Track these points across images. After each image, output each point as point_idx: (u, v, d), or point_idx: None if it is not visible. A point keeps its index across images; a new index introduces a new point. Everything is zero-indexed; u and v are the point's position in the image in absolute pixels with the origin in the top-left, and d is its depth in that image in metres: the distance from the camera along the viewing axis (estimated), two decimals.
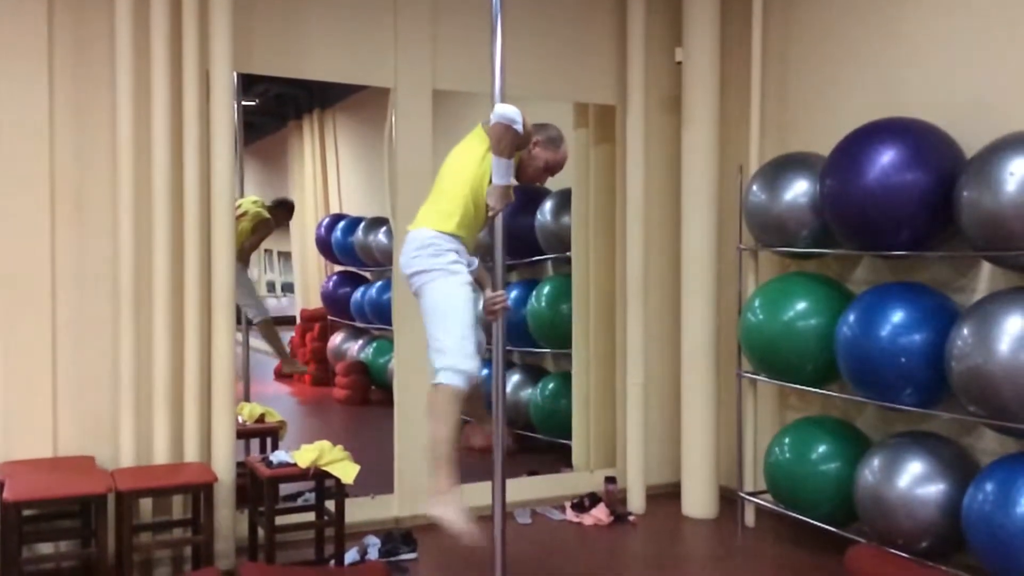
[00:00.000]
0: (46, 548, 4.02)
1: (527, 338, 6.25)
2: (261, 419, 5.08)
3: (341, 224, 7.90)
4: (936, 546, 3.72)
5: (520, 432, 6.25)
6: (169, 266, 4.13)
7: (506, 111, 2.95)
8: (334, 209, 8.32)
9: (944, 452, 3.81)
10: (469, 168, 3.15)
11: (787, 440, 4.45)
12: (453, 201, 3.15)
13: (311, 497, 4.51)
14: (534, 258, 6.42)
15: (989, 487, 3.40)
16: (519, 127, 2.94)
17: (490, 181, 3.12)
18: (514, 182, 3.11)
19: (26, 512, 3.67)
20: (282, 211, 6.67)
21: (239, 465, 4.35)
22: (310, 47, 4.59)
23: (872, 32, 4.45)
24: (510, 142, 2.97)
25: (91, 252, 4.15)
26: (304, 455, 4.07)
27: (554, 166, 3.29)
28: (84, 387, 4.15)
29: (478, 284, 3.32)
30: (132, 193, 4.08)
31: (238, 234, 5.22)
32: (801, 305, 4.34)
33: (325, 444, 4.14)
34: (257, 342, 6.52)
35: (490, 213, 3.12)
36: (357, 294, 7.83)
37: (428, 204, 3.25)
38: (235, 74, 4.27)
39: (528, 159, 3.24)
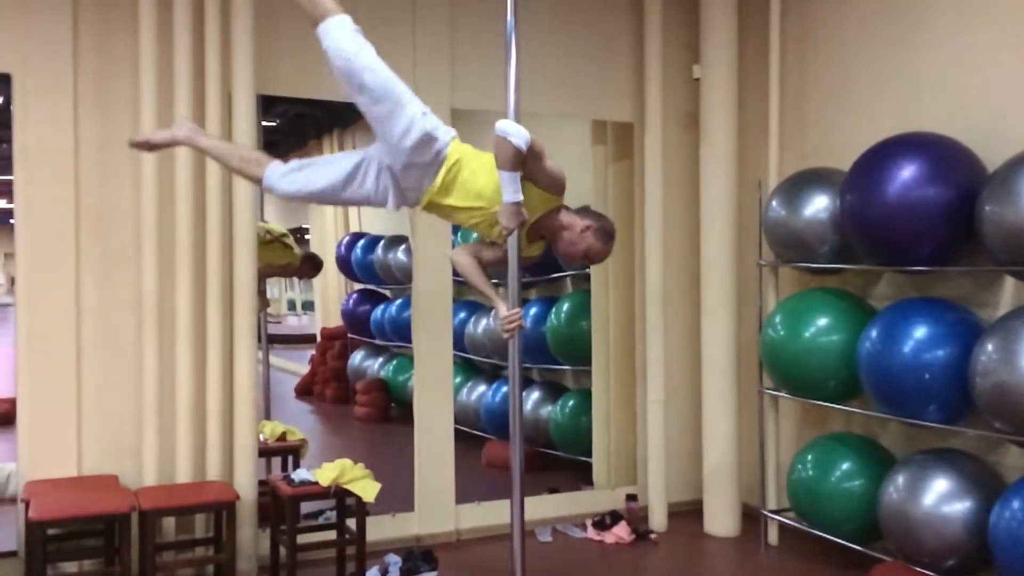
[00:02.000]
0: (70, 567, 4.04)
1: (547, 355, 6.25)
2: (283, 437, 5.10)
3: (361, 242, 7.94)
4: (962, 564, 3.68)
5: (540, 450, 6.24)
6: (192, 285, 4.17)
7: (503, 125, 2.91)
8: (354, 228, 8.36)
9: (969, 469, 3.77)
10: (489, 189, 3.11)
11: (810, 457, 4.42)
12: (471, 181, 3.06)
13: (332, 515, 4.52)
14: (553, 275, 6.43)
15: (1016, 504, 3.36)
16: (515, 140, 2.86)
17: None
18: (521, 198, 3.05)
19: (51, 531, 3.71)
20: (309, 264, 6.77)
21: (261, 483, 4.37)
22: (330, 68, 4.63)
23: (891, 47, 4.44)
24: (510, 156, 2.91)
25: (115, 272, 4.20)
26: (325, 473, 4.09)
27: (594, 256, 3.25)
28: (108, 406, 4.18)
29: (490, 300, 3.29)
30: (155, 213, 4.13)
31: (287, 255, 5.37)
32: (822, 321, 4.32)
33: (346, 462, 4.15)
34: (277, 360, 6.55)
35: (504, 233, 3.09)
36: (377, 312, 7.86)
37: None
38: (256, 95, 4.32)
39: (576, 239, 3.19)
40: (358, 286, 8.35)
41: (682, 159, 5.39)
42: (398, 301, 7.63)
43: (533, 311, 6.36)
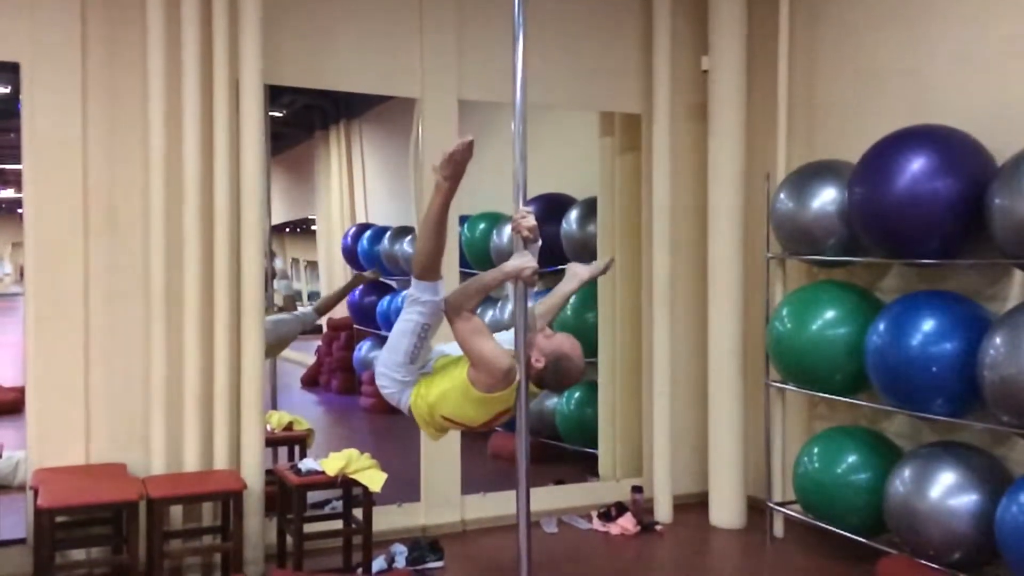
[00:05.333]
0: (78, 554, 4.06)
1: None
2: (289, 427, 5.11)
3: (367, 233, 7.94)
4: (968, 557, 3.68)
5: (546, 441, 6.25)
6: (199, 276, 4.18)
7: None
8: (360, 219, 8.36)
9: (976, 462, 3.76)
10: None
11: (816, 450, 4.42)
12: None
13: (339, 505, 4.54)
14: (560, 267, 6.41)
15: (1023, 498, 3.35)
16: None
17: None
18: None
19: (59, 519, 3.73)
20: None
21: (268, 473, 4.38)
22: (337, 58, 4.64)
23: (900, 39, 4.42)
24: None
25: (123, 262, 4.21)
26: (332, 463, 4.10)
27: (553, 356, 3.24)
28: (116, 395, 4.20)
29: (501, 274, 3.21)
30: (163, 203, 4.14)
31: None
32: (830, 314, 4.32)
33: (352, 452, 4.16)
34: (284, 350, 6.56)
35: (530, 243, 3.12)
36: (383, 303, 7.86)
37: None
38: (264, 85, 4.32)
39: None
40: None
41: (690, 151, 5.38)
42: (404, 292, 7.62)
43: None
